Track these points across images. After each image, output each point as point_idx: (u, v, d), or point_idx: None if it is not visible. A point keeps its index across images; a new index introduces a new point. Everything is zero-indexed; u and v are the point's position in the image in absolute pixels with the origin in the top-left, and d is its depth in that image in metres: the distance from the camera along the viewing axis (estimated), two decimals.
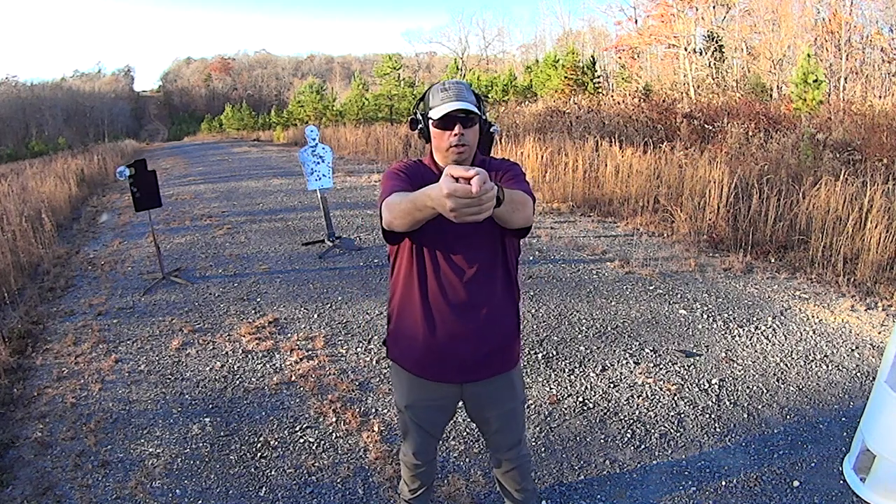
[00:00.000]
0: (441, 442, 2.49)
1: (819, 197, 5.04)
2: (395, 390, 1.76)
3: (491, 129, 1.64)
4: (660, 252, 5.10)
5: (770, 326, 3.59)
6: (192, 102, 65.30)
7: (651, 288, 4.27)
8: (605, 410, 2.77)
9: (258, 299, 4.41)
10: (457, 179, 1.02)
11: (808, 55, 10.94)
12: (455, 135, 1.45)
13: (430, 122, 1.48)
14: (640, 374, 3.08)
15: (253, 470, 2.45)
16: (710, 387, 2.94)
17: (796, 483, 2.25)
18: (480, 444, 2.51)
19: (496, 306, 1.57)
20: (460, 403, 1.73)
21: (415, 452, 1.78)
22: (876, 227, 4.35)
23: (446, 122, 1.45)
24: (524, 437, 1.82)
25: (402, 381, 1.69)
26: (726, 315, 3.78)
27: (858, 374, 3.01)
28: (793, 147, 7.05)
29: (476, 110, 1.45)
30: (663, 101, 11.88)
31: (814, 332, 3.49)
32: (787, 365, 3.13)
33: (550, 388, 2.97)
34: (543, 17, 50.42)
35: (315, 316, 4.04)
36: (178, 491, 2.35)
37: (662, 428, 2.62)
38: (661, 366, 3.16)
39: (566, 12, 44.00)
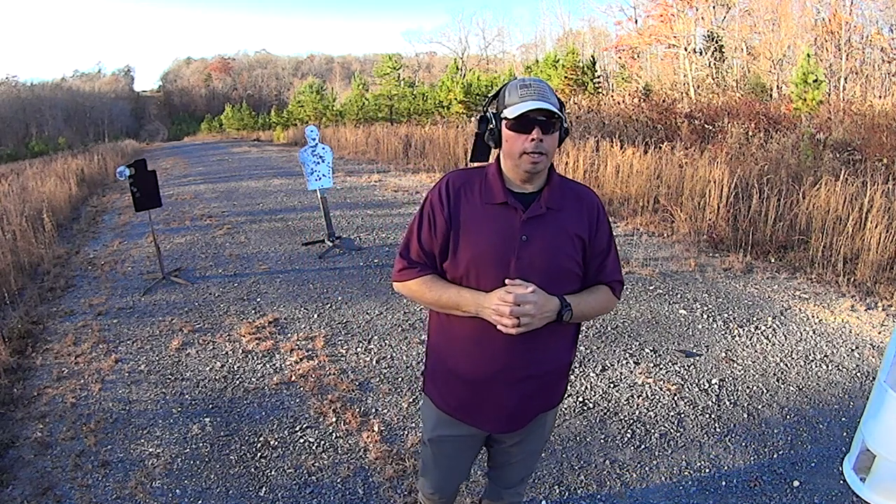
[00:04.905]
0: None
1: (819, 197, 5.04)
2: (423, 421, 1.60)
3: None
4: (660, 252, 5.10)
5: (770, 326, 3.59)
6: (192, 102, 65.23)
7: (651, 288, 4.27)
8: (605, 410, 2.77)
9: (258, 299, 4.41)
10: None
11: (808, 55, 10.93)
12: (532, 140, 1.24)
13: (504, 122, 1.28)
14: (640, 374, 3.08)
15: (253, 470, 2.45)
16: (710, 387, 2.94)
17: (796, 483, 2.25)
18: None
19: (550, 344, 1.36)
20: None
21: (435, 489, 1.64)
22: (876, 227, 4.35)
23: (524, 124, 1.24)
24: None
25: (431, 415, 1.54)
26: (726, 315, 3.77)
27: (858, 374, 3.01)
28: (793, 147, 7.05)
29: (559, 112, 1.26)
30: (663, 101, 11.86)
31: (814, 332, 3.49)
32: (787, 365, 3.13)
33: None
34: (543, 17, 50.45)
35: (315, 316, 4.04)
36: (178, 491, 2.35)
37: (662, 428, 2.62)
38: (661, 366, 3.16)
39: (566, 12, 44.10)
